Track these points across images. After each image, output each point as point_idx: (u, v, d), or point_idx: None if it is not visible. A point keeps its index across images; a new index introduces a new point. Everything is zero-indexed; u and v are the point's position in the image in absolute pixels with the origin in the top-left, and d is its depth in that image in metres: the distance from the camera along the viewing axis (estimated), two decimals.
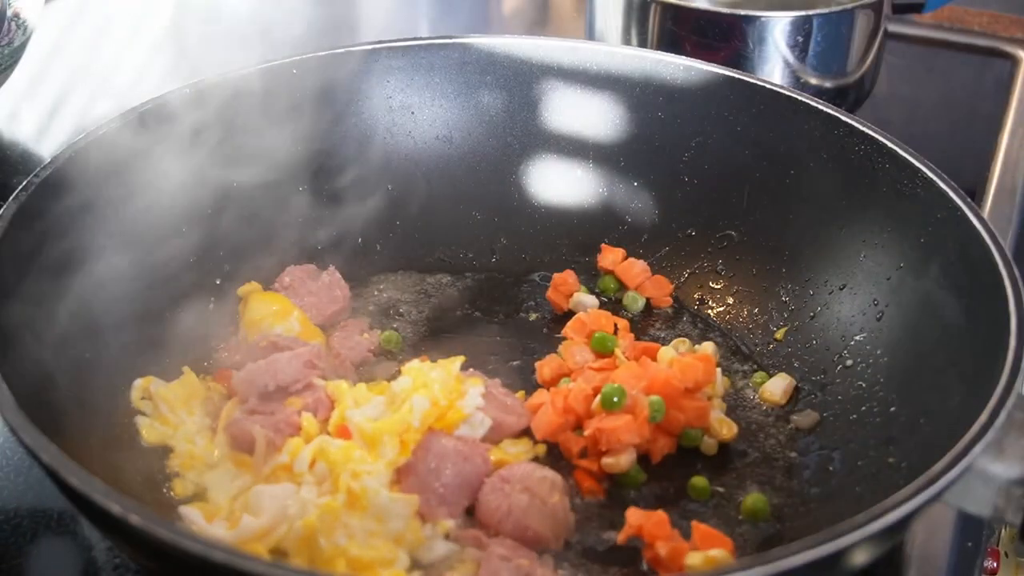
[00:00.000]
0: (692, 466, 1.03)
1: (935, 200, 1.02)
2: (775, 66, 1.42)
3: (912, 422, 0.96)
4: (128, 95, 1.30)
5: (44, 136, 1.54)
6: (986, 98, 1.68)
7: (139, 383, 1.03)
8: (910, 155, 1.06)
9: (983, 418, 0.81)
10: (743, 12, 1.40)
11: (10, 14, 1.36)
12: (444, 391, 1.00)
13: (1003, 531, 1.18)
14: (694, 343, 1.15)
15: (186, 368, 1.07)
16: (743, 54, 1.41)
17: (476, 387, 1.03)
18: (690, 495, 1.00)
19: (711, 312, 1.20)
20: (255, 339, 1.09)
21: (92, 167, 1.04)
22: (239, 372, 1.04)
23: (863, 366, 1.06)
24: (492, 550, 0.91)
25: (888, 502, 0.76)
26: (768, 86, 1.18)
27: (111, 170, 1.05)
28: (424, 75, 1.25)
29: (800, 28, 1.39)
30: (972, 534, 1.02)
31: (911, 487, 0.77)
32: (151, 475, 0.98)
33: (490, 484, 0.96)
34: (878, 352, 1.05)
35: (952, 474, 0.78)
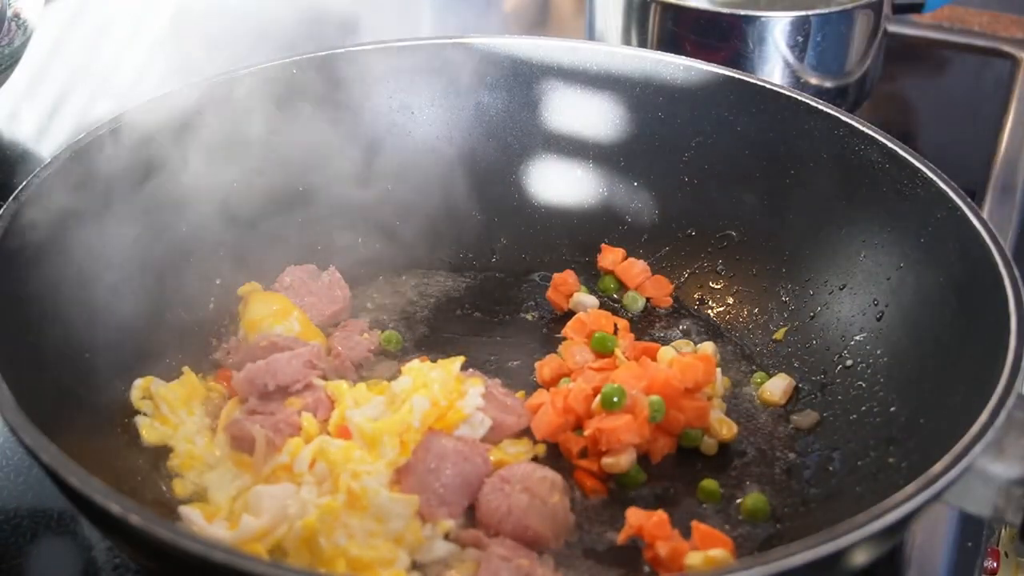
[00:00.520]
0: (692, 466, 1.03)
1: (935, 200, 1.02)
2: (775, 66, 1.42)
3: (912, 422, 0.96)
4: (128, 95, 1.30)
5: (44, 136, 1.54)
6: (986, 98, 1.68)
7: (139, 383, 1.03)
8: (910, 155, 1.06)
9: (983, 418, 0.81)
10: (743, 12, 1.40)
11: (10, 14, 1.36)
12: (444, 391, 1.00)
13: (1003, 531, 1.18)
14: (694, 343, 1.15)
15: (186, 368, 1.07)
16: (743, 54, 1.41)
17: (476, 387, 1.03)
18: (699, 498, 1.00)
19: (711, 312, 1.20)
20: (255, 339, 1.09)
21: (92, 167, 1.04)
22: (239, 372, 1.04)
23: (863, 366, 1.06)
24: (492, 550, 0.90)
25: (888, 502, 0.76)
26: (768, 86, 1.18)
27: (111, 170, 1.05)
28: (424, 75, 1.25)
29: (800, 28, 1.39)
30: (972, 534, 1.02)
31: (911, 487, 0.77)
32: (151, 475, 0.98)
33: (490, 484, 0.96)
34: (878, 352, 1.05)
35: (952, 474, 0.78)
